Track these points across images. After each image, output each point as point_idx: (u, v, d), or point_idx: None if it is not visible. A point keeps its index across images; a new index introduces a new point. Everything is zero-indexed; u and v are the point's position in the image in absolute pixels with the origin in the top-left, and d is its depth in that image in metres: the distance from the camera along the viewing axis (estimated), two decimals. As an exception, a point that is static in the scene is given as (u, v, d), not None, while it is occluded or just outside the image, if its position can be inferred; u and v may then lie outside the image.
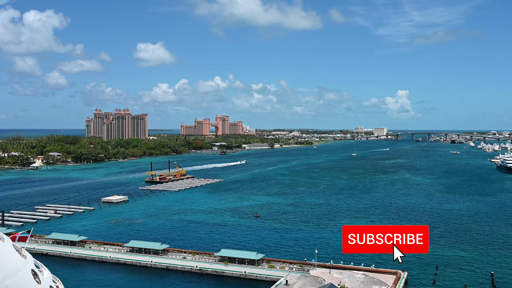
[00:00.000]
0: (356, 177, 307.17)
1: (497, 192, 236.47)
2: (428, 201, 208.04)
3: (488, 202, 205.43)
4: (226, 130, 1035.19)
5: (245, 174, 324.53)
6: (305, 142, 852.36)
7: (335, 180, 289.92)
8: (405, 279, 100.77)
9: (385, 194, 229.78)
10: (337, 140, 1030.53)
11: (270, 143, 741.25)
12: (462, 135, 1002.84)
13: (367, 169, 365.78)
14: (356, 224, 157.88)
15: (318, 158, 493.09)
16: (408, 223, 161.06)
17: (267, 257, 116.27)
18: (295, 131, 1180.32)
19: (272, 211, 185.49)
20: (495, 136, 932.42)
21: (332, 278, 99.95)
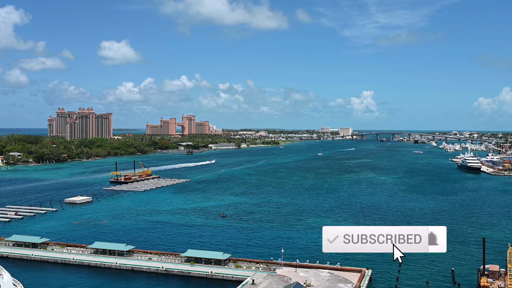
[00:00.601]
0: (322, 177, 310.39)
1: (458, 191, 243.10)
2: (392, 200, 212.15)
3: (449, 201, 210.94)
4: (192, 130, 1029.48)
5: (212, 174, 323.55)
6: (272, 142, 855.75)
7: (301, 180, 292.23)
8: (369, 277, 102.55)
9: (350, 194, 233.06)
10: (303, 140, 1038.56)
11: (236, 143, 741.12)
12: (425, 135, 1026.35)
13: (332, 169, 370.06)
14: (322, 223, 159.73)
15: (285, 158, 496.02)
16: (373, 222, 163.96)
17: (233, 257, 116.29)
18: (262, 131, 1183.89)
19: (239, 211, 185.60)
20: (456, 136, 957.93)
21: (298, 277, 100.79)
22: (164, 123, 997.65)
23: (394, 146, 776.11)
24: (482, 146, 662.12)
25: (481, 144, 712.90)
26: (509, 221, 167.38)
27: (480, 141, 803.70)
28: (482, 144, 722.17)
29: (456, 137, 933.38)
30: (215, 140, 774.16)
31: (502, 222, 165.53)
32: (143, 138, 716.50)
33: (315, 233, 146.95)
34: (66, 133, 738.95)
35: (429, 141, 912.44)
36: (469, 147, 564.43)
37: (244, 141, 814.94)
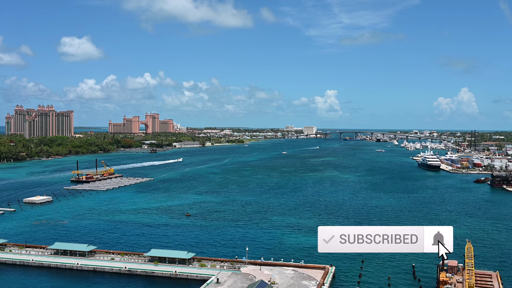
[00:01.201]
0: (286, 175, 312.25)
1: (419, 189, 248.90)
2: (355, 198, 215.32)
3: (410, 198, 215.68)
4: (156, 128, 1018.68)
5: (176, 173, 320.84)
6: (237, 140, 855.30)
7: (265, 178, 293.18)
8: (333, 274, 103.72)
9: (314, 192, 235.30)
10: (268, 138, 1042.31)
11: (201, 142, 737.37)
12: (387, 134, 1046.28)
13: (297, 167, 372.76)
14: (287, 221, 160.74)
15: (249, 157, 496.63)
16: (336, 219, 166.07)
17: (198, 256, 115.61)
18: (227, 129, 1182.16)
19: (203, 209, 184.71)
20: (416, 135, 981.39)
21: (262, 274, 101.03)
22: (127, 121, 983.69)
23: (357, 145, 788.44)
24: (441, 145, 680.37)
25: (440, 143, 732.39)
26: (467, 217, 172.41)
27: (440, 140, 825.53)
28: (441, 142, 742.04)
29: (417, 136, 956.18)
30: (179, 138, 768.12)
31: (460, 218, 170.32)
32: (105, 136, 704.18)
33: (279, 231, 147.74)
34: (25, 131, 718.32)
35: (391, 140, 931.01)
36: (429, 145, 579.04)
37: (208, 139, 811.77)
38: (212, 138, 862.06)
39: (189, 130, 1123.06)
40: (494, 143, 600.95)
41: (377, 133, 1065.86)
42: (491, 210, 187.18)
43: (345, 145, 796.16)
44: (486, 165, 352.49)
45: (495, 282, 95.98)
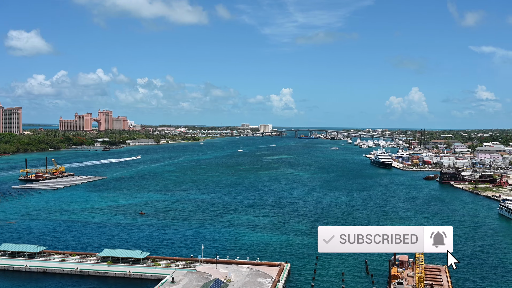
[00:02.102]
0: (242, 173, 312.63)
1: (371, 186, 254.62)
2: (310, 196, 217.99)
3: (363, 195, 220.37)
4: (109, 126, 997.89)
5: (130, 171, 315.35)
6: (192, 138, 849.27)
7: (221, 176, 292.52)
8: (288, 270, 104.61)
9: (270, 190, 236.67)
10: (223, 136, 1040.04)
11: (156, 139, 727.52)
12: (341, 132, 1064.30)
13: (252, 165, 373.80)
14: (242, 219, 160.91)
15: (205, 154, 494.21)
16: (291, 217, 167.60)
17: (152, 255, 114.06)
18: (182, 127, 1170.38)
19: (158, 208, 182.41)
20: (369, 134, 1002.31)
21: (218, 273, 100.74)
22: (78, 118, 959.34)
23: (312, 143, 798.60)
24: (393, 143, 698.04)
25: (392, 141, 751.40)
26: (417, 213, 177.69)
27: (392, 138, 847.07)
28: (393, 141, 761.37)
29: (370, 134, 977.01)
30: (133, 136, 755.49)
31: (411, 215, 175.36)
32: (56, 133, 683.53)
33: (235, 229, 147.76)
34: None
35: (345, 138, 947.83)
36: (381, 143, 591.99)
37: (163, 137, 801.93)
38: (167, 135, 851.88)
39: (144, 128, 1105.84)
40: (443, 141, 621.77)
41: (332, 131, 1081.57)
42: (439, 206, 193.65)
43: (300, 143, 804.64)
44: (435, 163, 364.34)
45: (443, 275, 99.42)
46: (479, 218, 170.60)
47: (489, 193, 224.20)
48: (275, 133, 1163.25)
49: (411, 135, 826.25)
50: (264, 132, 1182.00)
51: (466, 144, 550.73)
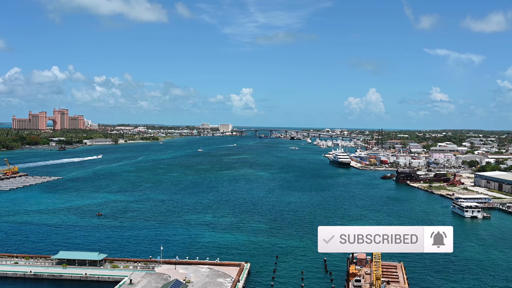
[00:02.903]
0: (201, 173, 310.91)
1: (330, 185, 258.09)
2: (270, 195, 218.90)
3: (322, 195, 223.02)
4: (65, 125, 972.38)
5: (87, 171, 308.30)
6: (151, 137, 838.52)
7: (180, 176, 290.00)
8: (248, 270, 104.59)
9: (230, 189, 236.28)
10: (183, 136, 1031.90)
11: (114, 139, 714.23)
12: (301, 132, 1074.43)
13: (212, 165, 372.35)
14: (202, 219, 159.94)
15: (164, 154, 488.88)
16: (251, 217, 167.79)
17: (110, 257, 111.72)
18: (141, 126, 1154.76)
19: (116, 209, 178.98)
20: (328, 133, 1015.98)
21: (177, 274, 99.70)
22: (33, 116, 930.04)
23: (272, 143, 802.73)
24: (351, 143, 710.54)
25: (350, 141, 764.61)
26: (375, 212, 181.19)
27: (350, 138, 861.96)
28: (351, 140, 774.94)
29: (329, 134, 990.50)
30: (90, 135, 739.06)
31: (369, 213, 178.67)
32: (8, 132, 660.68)
33: (194, 229, 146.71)
34: None
35: (305, 138, 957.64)
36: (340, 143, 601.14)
37: (121, 136, 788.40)
38: (125, 135, 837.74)
39: (101, 127, 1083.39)
40: (399, 141, 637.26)
41: (291, 131, 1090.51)
42: (396, 205, 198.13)
43: (260, 142, 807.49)
44: (392, 162, 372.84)
45: (399, 272, 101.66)
46: (434, 216, 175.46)
47: (443, 191, 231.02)
48: (236, 133, 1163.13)
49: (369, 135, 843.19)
50: (225, 132, 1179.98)
51: (421, 144, 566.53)
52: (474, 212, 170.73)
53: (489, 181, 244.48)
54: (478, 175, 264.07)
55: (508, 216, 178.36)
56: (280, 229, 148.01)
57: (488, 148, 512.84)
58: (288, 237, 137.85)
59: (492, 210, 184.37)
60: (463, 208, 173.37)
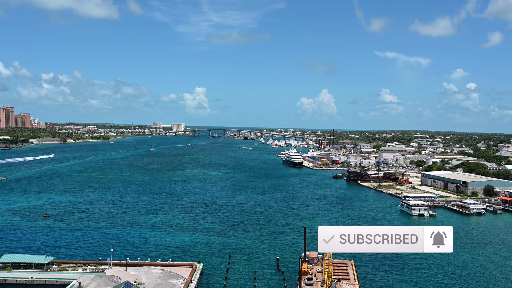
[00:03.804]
0: (154, 173, 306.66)
1: (283, 185, 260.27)
2: (223, 195, 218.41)
3: (275, 194, 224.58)
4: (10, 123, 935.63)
5: (33, 171, 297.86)
6: (101, 137, 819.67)
7: (132, 177, 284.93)
8: (200, 270, 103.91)
9: (183, 189, 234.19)
10: (135, 135, 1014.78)
11: (62, 138, 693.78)
12: (254, 132, 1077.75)
13: (165, 165, 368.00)
14: (153, 220, 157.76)
15: (115, 154, 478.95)
16: (203, 217, 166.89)
17: (58, 259, 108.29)
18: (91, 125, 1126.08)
19: (64, 210, 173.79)
20: (281, 133, 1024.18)
21: (128, 275, 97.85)
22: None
23: (225, 142, 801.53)
24: (304, 143, 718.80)
25: (303, 141, 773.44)
26: (326, 211, 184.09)
27: (303, 138, 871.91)
28: (304, 140, 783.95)
29: (282, 134, 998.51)
30: (37, 134, 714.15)
31: (321, 212, 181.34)
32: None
33: (146, 230, 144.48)
34: None
35: (258, 138, 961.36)
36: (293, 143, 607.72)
37: (70, 135, 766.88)
38: (74, 134, 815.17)
39: (49, 126, 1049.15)
40: (350, 141, 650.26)
41: (245, 131, 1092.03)
42: (347, 204, 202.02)
43: (213, 142, 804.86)
44: (343, 162, 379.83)
45: (350, 269, 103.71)
46: (383, 214, 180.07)
47: (392, 190, 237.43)
48: (189, 133, 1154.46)
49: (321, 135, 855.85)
50: (177, 131, 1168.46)
51: (371, 144, 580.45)
52: (421, 210, 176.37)
53: (435, 180, 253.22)
54: (425, 174, 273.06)
55: (453, 213, 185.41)
56: (233, 229, 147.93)
57: (434, 149, 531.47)
58: (241, 237, 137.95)
59: (438, 208, 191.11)
60: (410, 206, 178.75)
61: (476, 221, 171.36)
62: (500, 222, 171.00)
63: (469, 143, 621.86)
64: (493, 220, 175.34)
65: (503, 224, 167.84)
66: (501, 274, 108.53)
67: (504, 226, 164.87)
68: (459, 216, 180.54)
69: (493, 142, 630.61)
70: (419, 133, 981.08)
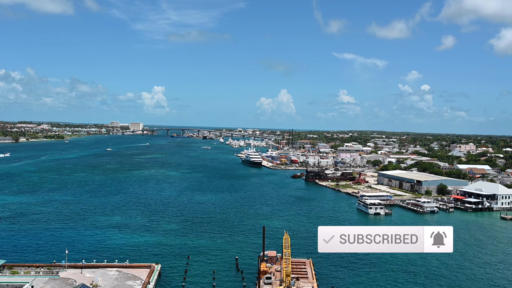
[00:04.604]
0: (110, 173, 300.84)
1: (242, 185, 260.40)
2: (181, 195, 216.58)
3: (234, 194, 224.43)
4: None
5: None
6: (56, 136, 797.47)
7: (88, 177, 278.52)
8: (158, 271, 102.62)
9: (141, 190, 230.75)
10: (91, 134, 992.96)
11: (14, 137, 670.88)
12: (213, 132, 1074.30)
13: (122, 165, 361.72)
14: (110, 221, 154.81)
15: (70, 153, 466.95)
16: (161, 217, 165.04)
17: (9, 262, 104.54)
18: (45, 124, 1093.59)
19: (16, 211, 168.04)
20: (241, 133, 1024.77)
21: (84, 278, 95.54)
22: None
23: (184, 142, 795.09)
24: (263, 143, 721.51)
25: (262, 141, 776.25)
26: (285, 211, 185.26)
27: (262, 138, 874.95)
28: (263, 140, 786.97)
29: (241, 134, 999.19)
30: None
31: (280, 211, 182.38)
32: None
33: (102, 231, 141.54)
34: None
35: (217, 137, 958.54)
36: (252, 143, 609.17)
37: (23, 134, 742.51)
38: (27, 133, 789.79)
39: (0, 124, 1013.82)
40: (309, 141, 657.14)
41: (204, 131, 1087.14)
42: (306, 203, 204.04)
43: (172, 142, 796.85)
44: (302, 162, 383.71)
45: (308, 268, 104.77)
46: (340, 213, 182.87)
47: (349, 190, 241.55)
48: (147, 132, 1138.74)
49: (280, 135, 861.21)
50: (135, 131, 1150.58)
51: (330, 144, 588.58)
52: (377, 209, 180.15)
53: (391, 180, 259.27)
54: (381, 173, 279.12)
55: (407, 212, 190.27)
56: (192, 230, 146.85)
57: (390, 149, 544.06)
58: (199, 237, 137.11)
59: (394, 207, 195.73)
60: (367, 205, 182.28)
61: (429, 219, 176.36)
62: (452, 220, 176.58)
63: (423, 143, 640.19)
64: (446, 218, 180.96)
65: (455, 221, 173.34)
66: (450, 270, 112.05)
67: (455, 223, 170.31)
68: (414, 214, 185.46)
69: (446, 142, 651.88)
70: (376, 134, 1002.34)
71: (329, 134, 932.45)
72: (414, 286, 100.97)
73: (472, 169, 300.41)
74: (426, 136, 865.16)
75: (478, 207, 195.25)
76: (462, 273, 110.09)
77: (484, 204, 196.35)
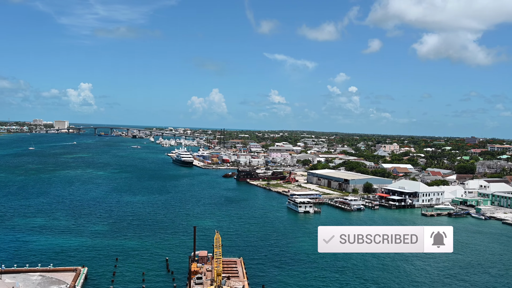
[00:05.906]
0: (33, 173, 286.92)
1: (173, 185, 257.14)
2: (109, 196, 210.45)
3: (164, 194, 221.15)
4: None
5: None
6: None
7: (8, 177, 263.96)
8: (85, 275, 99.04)
9: (66, 190, 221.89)
10: (12, 132, 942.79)
11: None
12: (143, 131, 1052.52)
13: (46, 164, 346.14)
14: (31, 224, 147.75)
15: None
16: (88, 219, 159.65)
17: None
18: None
19: None
20: (172, 132, 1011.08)
21: (3, 284, 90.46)
22: None
23: (113, 141, 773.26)
24: (194, 142, 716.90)
25: (193, 140, 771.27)
26: (216, 210, 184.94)
27: (193, 137, 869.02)
28: (194, 140, 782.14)
29: (172, 133, 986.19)
30: None
31: (211, 211, 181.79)
32: None
33: (23, 234, 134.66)
34: None
35: (147, 136, 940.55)
36: (183, 142, 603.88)
37: None
38: None
39: None
40: (240, 141, 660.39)
41: (133, 129, 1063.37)
42: (236, 202, 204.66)
43: (100, 141, 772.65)
44: (233, 161, 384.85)
45: (239, 267, 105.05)
46: (271, 212, 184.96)
47: (280, 189, 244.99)
48: (73, 130, 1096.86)
49: (212, 135, 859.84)
50: (60, 129, 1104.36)
51: (261, 144, 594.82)
52: (307, 207, 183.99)
53: (320, 179, 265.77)
54: (311, 173, 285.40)
55: (335, 210, 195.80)
56: (120, 231, 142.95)
57: (319, 148, 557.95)
58: (128, 239, 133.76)
59: (322, 205, 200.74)
60: (297, 204, 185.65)
61: (356, 216, 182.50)
62: (377, 217, 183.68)
63: (351, 143, 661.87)
64: (371, 215, 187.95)
65: (379, 218, 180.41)
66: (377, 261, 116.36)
67: (380, 220, 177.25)
68: (341, 212, 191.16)
69: (372, 142, 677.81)
70: (306, 133, 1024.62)
71: (261, 134, 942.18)
72: (340, 284, 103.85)
73: (396, 168, 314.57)
74: (354, 136, 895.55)
75: (401, 204, 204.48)
76: (387, 270, 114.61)
77: (407, 202, 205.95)
